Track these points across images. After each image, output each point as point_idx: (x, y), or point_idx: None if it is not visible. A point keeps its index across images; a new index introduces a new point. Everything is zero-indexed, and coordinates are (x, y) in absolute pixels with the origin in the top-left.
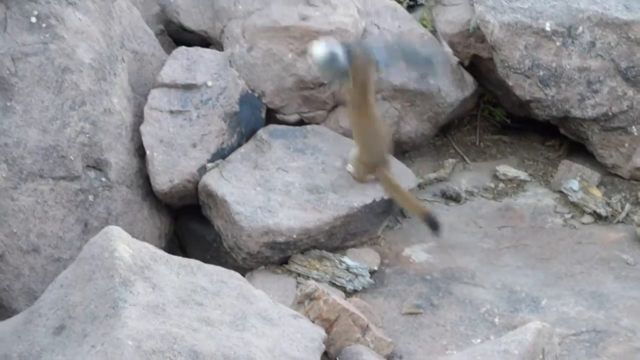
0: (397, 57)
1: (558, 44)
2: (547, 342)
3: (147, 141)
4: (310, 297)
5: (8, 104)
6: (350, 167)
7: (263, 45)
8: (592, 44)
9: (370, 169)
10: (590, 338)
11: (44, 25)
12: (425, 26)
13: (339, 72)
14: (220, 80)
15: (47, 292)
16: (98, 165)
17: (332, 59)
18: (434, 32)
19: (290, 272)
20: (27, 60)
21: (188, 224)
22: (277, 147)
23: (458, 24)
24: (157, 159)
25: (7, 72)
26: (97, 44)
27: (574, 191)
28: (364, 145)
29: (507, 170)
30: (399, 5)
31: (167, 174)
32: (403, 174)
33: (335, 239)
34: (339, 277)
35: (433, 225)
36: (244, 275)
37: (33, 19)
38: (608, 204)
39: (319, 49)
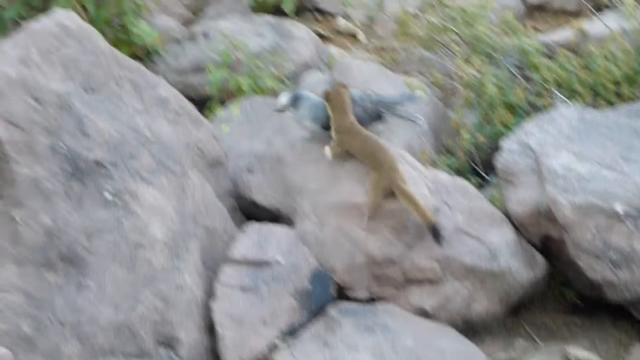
0: (372, 101)
1: (630, 225)
2: None
3: (217, 318)
4: None
5: (82, 281)
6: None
7: (334, 222)
8: None
9: (386, 186)
10: None
11: (118, 201)
12: (495, 205)
13: (312, 107)
14: (291, 257)
15: None
16: (169, 343)
17: (294, 97)
18: (504, 211)
19: None
20: (101, 237)
21: None
22: (347, 325)
23: (529, 204)
24: (227, 336)
25: (82, 248)
26: (170, 220)
27: None
28: (376, 161)
29: (578, 352)
30: (469, 184)
31: (236, 352)
32: (473, 355)
33: None
34: None
35: (436, 234)
36: None
37: (108, 196)
38: None
39: (282, 96)
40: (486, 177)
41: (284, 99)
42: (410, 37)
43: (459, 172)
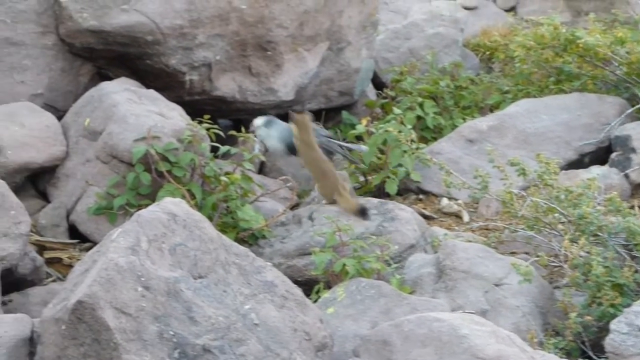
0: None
1: None
2: None
3: None
4: None
5: None
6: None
7: None
8: None
9: (329, 194)
10: None
11: None
12: None
13: (282, 130)
14: None
15: None
16: None
17: (268, 120)
18: None
19: None
20: None
21: None
22: None
23: None
24: None
25: None
26: None
27: None
28: (317, 178)
29: None
30: None
31: None
32: None
33: None
34: None
35: (363, 213)
36: None
37: None
38: None
39: (258, 119)
40: (595, 358)
41: (259, 120)
42: (515, 218)
43: (568, 354)
